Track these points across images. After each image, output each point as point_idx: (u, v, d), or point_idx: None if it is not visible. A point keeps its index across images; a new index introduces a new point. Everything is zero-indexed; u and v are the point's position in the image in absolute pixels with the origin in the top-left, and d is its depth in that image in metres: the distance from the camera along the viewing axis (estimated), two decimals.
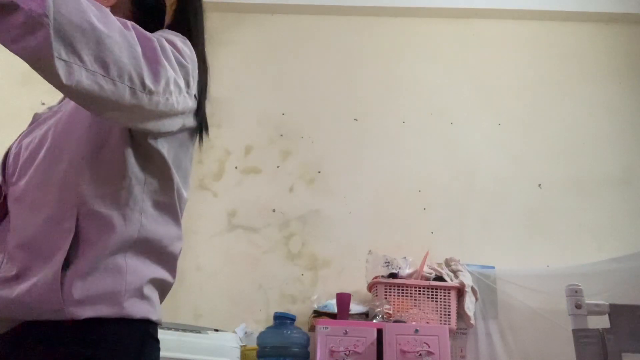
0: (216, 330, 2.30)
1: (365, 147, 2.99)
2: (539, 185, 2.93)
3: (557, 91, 3.11)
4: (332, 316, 2.40)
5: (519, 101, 3.09)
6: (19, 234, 0.81)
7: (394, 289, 2.43)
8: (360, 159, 2.97)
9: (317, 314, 2.47)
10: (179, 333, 2.03)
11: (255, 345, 2.37)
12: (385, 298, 2.41)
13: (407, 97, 3.10)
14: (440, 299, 2.43)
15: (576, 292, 1.45)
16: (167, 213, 0.89)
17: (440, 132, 3.03)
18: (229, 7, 3.28)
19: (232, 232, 2.81)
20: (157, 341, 0.89)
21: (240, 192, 2.84)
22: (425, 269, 2.52)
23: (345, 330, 2.16)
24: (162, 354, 0.93)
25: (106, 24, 0.71)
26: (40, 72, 0.68)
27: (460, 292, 2.48)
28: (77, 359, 0.78)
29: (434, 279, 2.48)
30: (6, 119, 3.16)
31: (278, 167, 2.92)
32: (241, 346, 2.35)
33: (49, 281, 0.76)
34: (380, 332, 2.17)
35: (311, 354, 2.36)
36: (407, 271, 2.52)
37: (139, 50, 0.74)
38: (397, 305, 2.40)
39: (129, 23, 0.76)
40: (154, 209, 0.86)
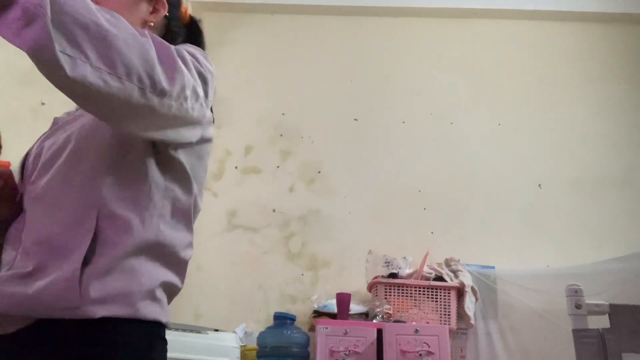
0: (216, 330, 2.30)
1: (365, 147, 2.99)
2: (539, 185, 2.93)
3: (557, 91, 3.11)
4: (332, 316, 2.40)
5: (519, 101, 3.09)
6: (37, 231, 0.82)
7: (394, 289, 2.43)
8: (360, 159, 2.97)
9: (317, 314, 2.47)
10: (179, 333, 2.03)
11: (255, 345, 2.37)
12: (385, 298, 2.41)
13: (407, 97, 3.10)
14: (440, 299, 2.43)
15: (576, 292, 1.45)
16: (182, 220, 0.91)
17: (440, 132, 3.03)
18: (229, 7, 3.28)
19: (232, 232, 2.81)
20: (166, 342, 0.91)
21: (240, 192, 2.84)
22: (425, 269, 2.52)
23: (345, 330, 2.16)
24: None
25: (116, 26, 0.72)
26: (44, 67, 0.67)
27: (460, 292, 2.48)
28: (90, 358, 0.79)
29: (434, 279, 2.48)
30: (6, 119, 3.16)
31: (278, 167, 2.92)
32: (241, 346, 2.35)
33: (67, 279, 0.77)
34: (380, 332, 2.17)
35: (311, 354, 2.36)
36: (407, 271, 2.52)
37: (153, 53, 0.75)
38: (397, 305, 2.40)
39: (147, 32, 0.77)
40: (171, 215, 0.89)
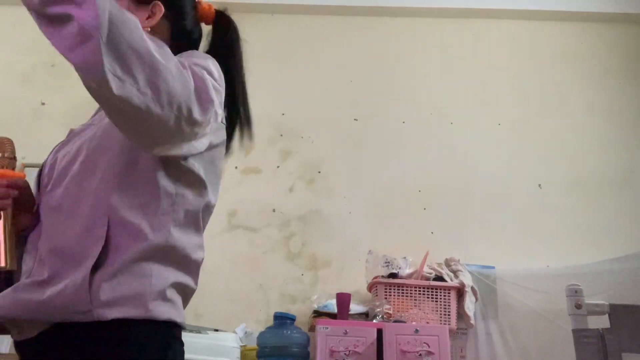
0: (216, 330, 2.30)
1: (365, 147, 2.99)
2: (539, 186, 2.93)
3: (557, 91, 3.11)
4: (332, 316, 2.40)
5: (518, 101, 3.09)
6: (52, 240, 0.86)
7: (394, 289, 2.43)
8: (360, 159, 2.97)
9: (317, 314, 2.47)
10: None
11: (255, 345, 2.37)
12: (385, 298, 2.41)
13: (407, 97, 3.10)
14: (440, 299, 2.43)
15: (576, 292, 1.45)
16: (192, 223, 0.95)
17: (440, 132, 3.03)
18: (229, 7, 3.26)
19: (232, 232, 2.81)
20: (182, 344, 0.93)
21: (240, 192, 2.84)
22: (425, 269, 2.52)
23: (345, 330, 2.16)
24: None
25: (163, 56, 0.76)
26: (90, 83, 0.72)
27: (460, 292, 2.48)
28: (107, 358, 0.82)
29: (434, 279, 2.48)
30: (6, 119, 3.16)
31: (278, 167, 2.92)
32: (241, 346, 2.35)
33: (77, 284, 0.81)
34: (380, 332, 2.17)
35: (311, 354, 2.35)
36: (407, 271, 2.52)
37: (191, 86, 0.80)
38: (397, 305, 2.40)
39: (186, 63, 0.82)
40: (181, 219, 0.91)
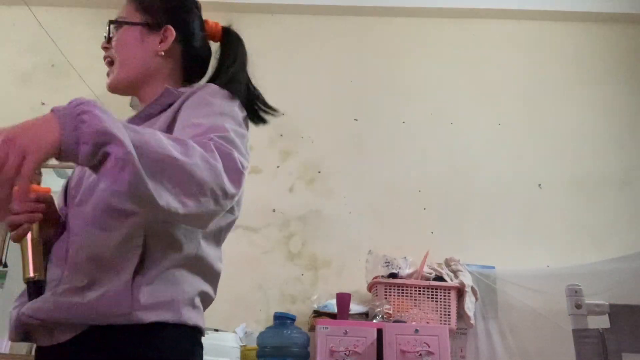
0: (216, 330, 2.30)
1: (365, 147, 2.99)
2: (539, 186, 2.93)
3: (557, 91, 3.11)
4: (332, 316, 2.40)
5: (519, 101, 3.10)
6: (88, 249, 0.90)
7: (394, 289, 2.43)
8: (360, 159, 2.97)
9: (317, 314, 2.47)
10: None
11: (255, 345, 2.37)
12: (385, 298, 2.41)
13: (407, 97, 3.10)
14: (440, 299, 2.43)
15: (576, 292, 1.45)
16: (214, 237, 1.01)
17: (440, 132, 3.03)
18: (229, 7, 3.28)
19: (232, 232, 2.80)
20: (202, 348, 1.01)
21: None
22: (425, 269, 2.52)
23: (345, 330, 2.16)
24: None
25: (186, 154, 0.79)
26: (139, 200, 0.76)
27: (460, 292, 2.48)
28: (140, 359, 0.87)
29: (434, 279, 2.48)
30: (6, 119, 3.15)
31: (278, 167, 2.92)
32: (241, 346, 2.35)
33: (120, 288, 0.86)
34: (380, 332, 2.16)
35: (311, 354, 2.35)
36: (407, 271, 2.52)
37: (220, 167, 0.83)
38: (397, 305, 2.40)
39: (210, 144, 0.84)
40: (209, 232, 0.98)
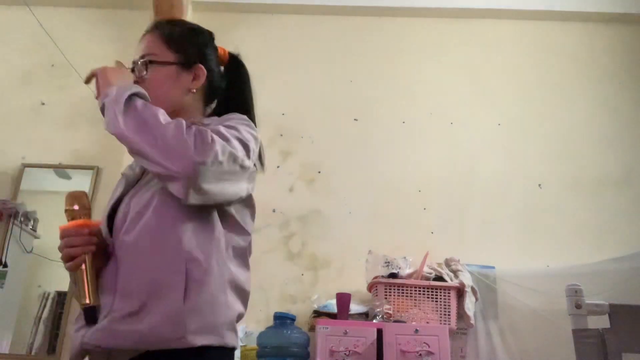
0: None
1: (365, 147, 2.99)
2: (539, 185, 2.93)
3: (557, 91, 3.12)
4: (332, 316, 2.40)
5: (519, 101, 3.10)
6: (136, 276, 0.97)
7: (394, 289, 2.43)
8: (360, 159, 2.97)
9: (317, 314, 2.47)
10: None
11: (255, 345, 2.36)
12: (385, 298, 2.41)
13: (407, 97, 3.10)
14: (440, 299, 2.43)
15: (576, 292, 1.46)
16: (242, 260, 1.08)
17: (440, 132, 3.03)
18: (229, 7, 3.28)
19: None
20: None
21: None
22: (425, 269, 2.52)
23: (345, 330, 2.16)
24: None
25: (166, 121, 0.98)
26: (107, 122, 0.99)
27: (460, 292, 2.48)
28: None
29: (434, 279, 2.48)
30: (6, 119, 3.16)
31: (278, 167, 2.92)
32: (241, 346, 2.35)
33: (173, 314, 0.93)
34: (380, 332, 2.17)
35: (311, 354, 2.35)
36: (407, 271, 2.52)
37: (183, 134, 0.96)
38: (397, 305, 2.40)
39: (195, 127, 0.98)
40: (234, 256, 1.06)
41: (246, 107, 1.21)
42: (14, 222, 2.88)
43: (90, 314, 0.98)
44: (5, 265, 2.85)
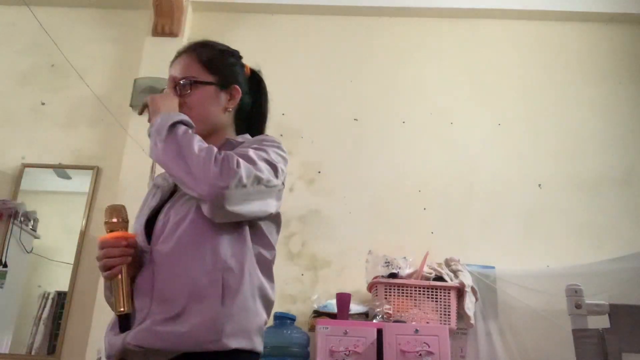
0: None
1: (365, 147, 2.99)
2: (539, 185, 2.93)
3: (557, 91, 3.12)
4: (332, 316, 2.40)
5: (519, 101, 3.10)
6: (174, 283, 1.04)
7: (394, 289, 2.43)
8: (360, 159, 2.97)
9: (317, 314, 2.47)
10: None
11: None
12: (385, 298, 2.41)
13: (407, 97, 3.10)
14: (440, 299, 2.43)
15: (576, 292, 1.46)
16: (268, 271, 1.15)
17: (440, 132, 3.03)
18: (229, 7, 3.28)
19: None
20: None
21: None
22: (425, 269, 2.52)
23: (345, 330, 2.16)
24: None
25: (200, 148, 1.06)
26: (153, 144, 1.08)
27: (460, 292, 2.48)
28: None
29: (434, 279, 2.48)
30: (6, 119, 3.16)
31: None
32: None
33: (212, 318, 1.01)
34: (380, 332, 2.17)
35: (311, 354, 2.36)
36: (407, 271, 2.51)
37: (212, 159, 1.05)
38: (397, 305, 2.40)
39: (224, 153, 1.06)
40: (261, 268, 1.13)
41: (264, 120, 1.35)
42: (14, 222, 2.88)
43: (125, 321, 1.04)
44: (5, 265, 2.85)
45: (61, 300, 2.81)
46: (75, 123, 3.09)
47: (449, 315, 2.41)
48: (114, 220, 1.07)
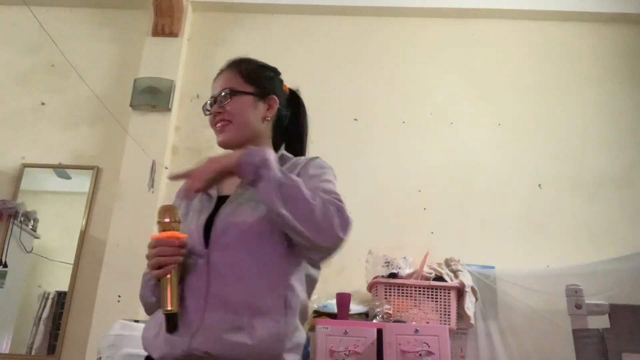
0: None
1: (365, 147, 2.99)
2: (539, 185, 2.92)
3: (557, 91, 3.11)
4: (332, 316, 2.40)
5: (519, 101, 3.09)
6: (244, 293, 1.07)
7: (394, 289, 2.43)
8: (360, 159, 2.97)
9: (317, 314, 2.46)
10: None
11: None
12: (385, 298, 2.41)
13: (407, 97, 3.10)
14: (440, 299, 2.43)
15: (576, 292, 1.46)
16: (311, 289, 1.23)
17: (440, 132, 3.03)
18: (229, 7, 3.27)
19: None
20: None
21: None
22: (425, 269, 2.52)
23: (345, 330, 2.16)
24: None
25: (313, 198, 1.07)
26: (270, 208, 1.05)
27: (460, 292, 2.47)
28: None
29: (434, 279, 2.48)
30: (6, 119, 3.16)
31: None
32: None
33: (277, 333, 1.05)
34: (380, 332, 2.16)
35: (311, 354, 2.35)
36: (407, 271, 2.51)
37: (334, 212, 1.07)
38: (397, 305, 2.40)
39: (332, 199, 1.09)
40: (306, 285, 1.19)
41: (303, 138, 1.42)
42: (14, 222, 2.88)
43: (172, 320, 1.06)
44: (5, 265, 2.85)
45: (61, 300, 2.81)
46: (75, 123, 3.09)
47: (449, 315, 2.41)
48: (167, 220, 1.08)
